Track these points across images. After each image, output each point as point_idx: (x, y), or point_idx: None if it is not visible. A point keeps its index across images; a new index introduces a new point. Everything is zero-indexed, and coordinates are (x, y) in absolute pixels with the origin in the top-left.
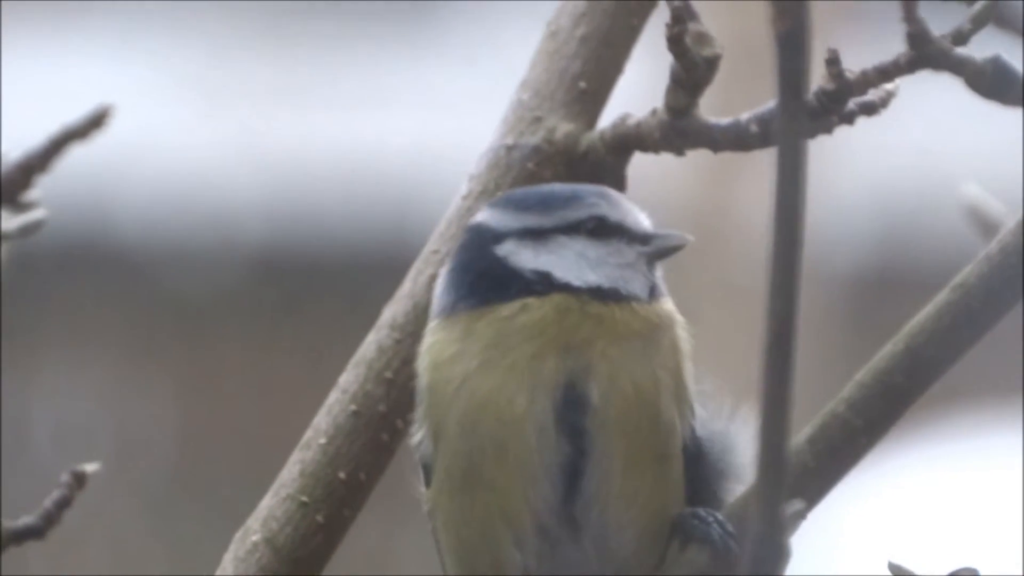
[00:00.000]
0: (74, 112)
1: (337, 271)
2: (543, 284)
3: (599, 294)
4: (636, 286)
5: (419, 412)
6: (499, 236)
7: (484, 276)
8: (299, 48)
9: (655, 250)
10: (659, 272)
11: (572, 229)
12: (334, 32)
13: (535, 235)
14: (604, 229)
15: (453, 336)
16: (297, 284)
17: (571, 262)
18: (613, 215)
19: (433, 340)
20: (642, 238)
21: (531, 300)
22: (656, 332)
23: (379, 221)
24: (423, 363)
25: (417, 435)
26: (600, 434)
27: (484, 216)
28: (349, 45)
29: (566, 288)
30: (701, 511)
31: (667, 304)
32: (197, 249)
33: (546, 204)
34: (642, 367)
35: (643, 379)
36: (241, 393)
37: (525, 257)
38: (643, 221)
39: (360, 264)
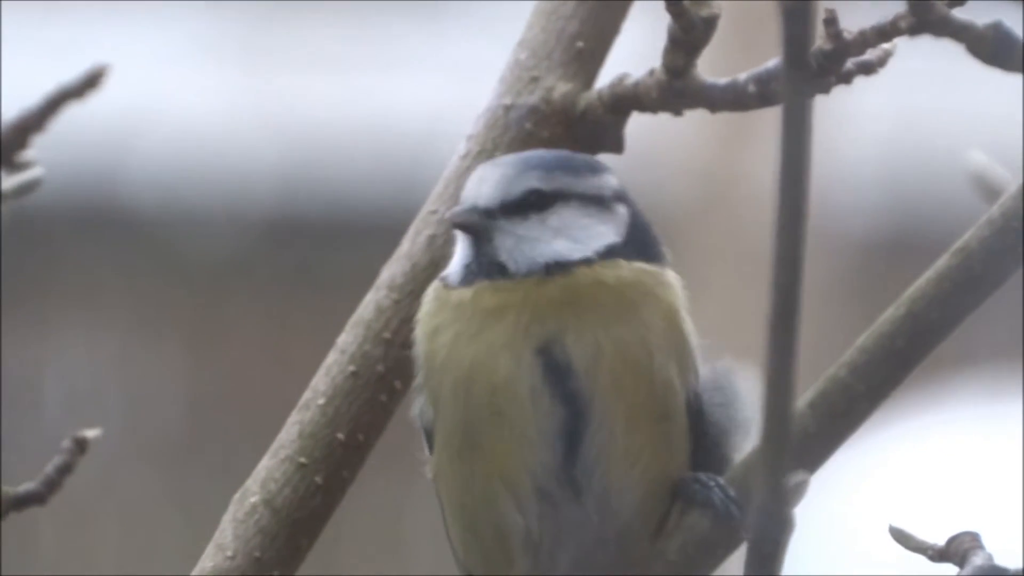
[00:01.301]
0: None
1: (350, 236)
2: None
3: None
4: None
5: (418, 380)
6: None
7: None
8: (313, 12)
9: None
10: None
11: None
12: None
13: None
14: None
15: (434, 308)
16: (309, 249)
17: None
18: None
19: (423, 311)
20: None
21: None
22: (635, 290)
23: (393, 186)
24: (417, 332)
25: (418, 402)
26: (596, 398)
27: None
28: (364, 9)
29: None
30: (703, 476)
31: (644, 264)
32: (209, 213)
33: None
34: (625, 329)
35: (628, 341)
36: (253, 357)
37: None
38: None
39: (373, 229)
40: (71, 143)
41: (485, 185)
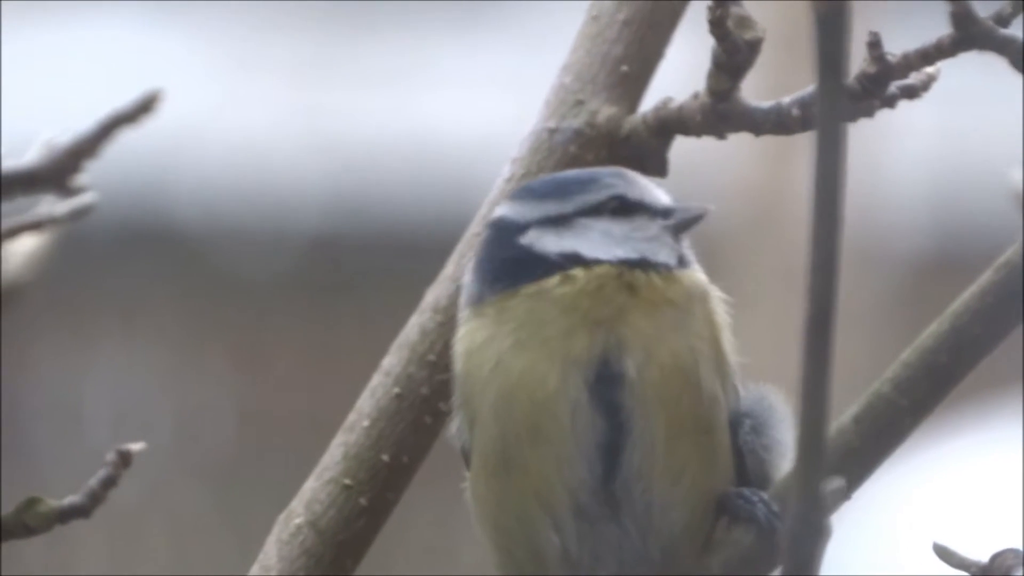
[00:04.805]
0: (132, 90)
1: (394, 252)
2: (572, 264)
3: (631, 266)
4: (664, 256)
5: (455, 400)
6: (521, 227)
7: (511, 263)
8: (359, 28)
9: (678, 222)
10: (686, 244)
11: (594, 211)
12: (395, 12)
13: (557, 221)
14: (625, 207)
15: (485, 322)
16: (354, 265)
17: (597, 241)
18: (632, 193)
19: (465, 329)
20: (664, 212)
21: (574, 271)
22: (690, 300)
23: (437, 202)
24: (457, 351)
25: (454, 423)
26: (639, 408)
27: (503, 210)
28: (410, 25)
29: (597, 264)
30: (746, 491)
31: (699, 274)
32: (254, 230)
33: (564, 191)
34: (678, 337)
35: (680, 349)
36: (297, 374)
37: (550, 242)
38: (662, 197)
39: (417, 245)
40: (118, 160)
41: (659, 191)
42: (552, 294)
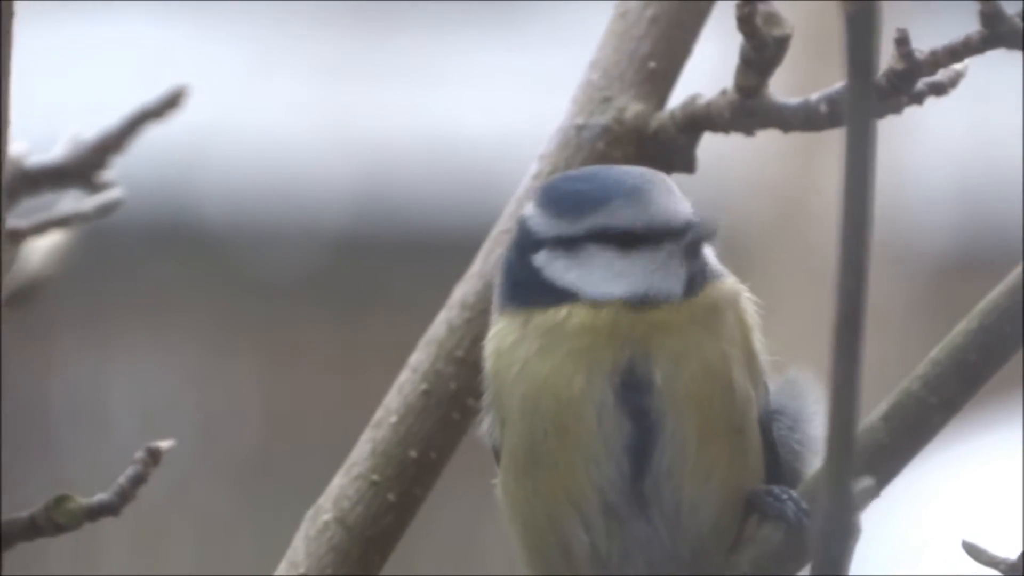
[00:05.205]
0: (158, 87)
1: (421, 251)
2: (576, 299)
3: (634, 303)
4: (670, 285)
5: (486, 398)
6: (537, 243)
7: (522, 287)
8: (385, 26)
9: (688, 242)
10: (710, 250)
11: (601, 237)
12: (420, 9)
13: (567, 244)
14: (632, 237)
15: (513, 325)
16: (380, 262)
17: (598, 277)
18: (640, 222)
19: (495, 329)
20: (676, 232)
21: (578, 306)
22: (708, 314)
23: (464, 201)
24: (488, 349)
25: (485, 421)
26: (672, 410)
27: (530, 211)
28: (435, 22)
29: (597, 302)
30: (776, 488)
31: (721, 285)
32: (280, 227)
33: (579, 208)
34: (707, 345)
35: (710, 355)
36: (325, 371)
37: (558, 270)
38: (678, 213)
39: (444, 242)
40: (144, 158)
41: (675, 201)
42: (563, 327)
